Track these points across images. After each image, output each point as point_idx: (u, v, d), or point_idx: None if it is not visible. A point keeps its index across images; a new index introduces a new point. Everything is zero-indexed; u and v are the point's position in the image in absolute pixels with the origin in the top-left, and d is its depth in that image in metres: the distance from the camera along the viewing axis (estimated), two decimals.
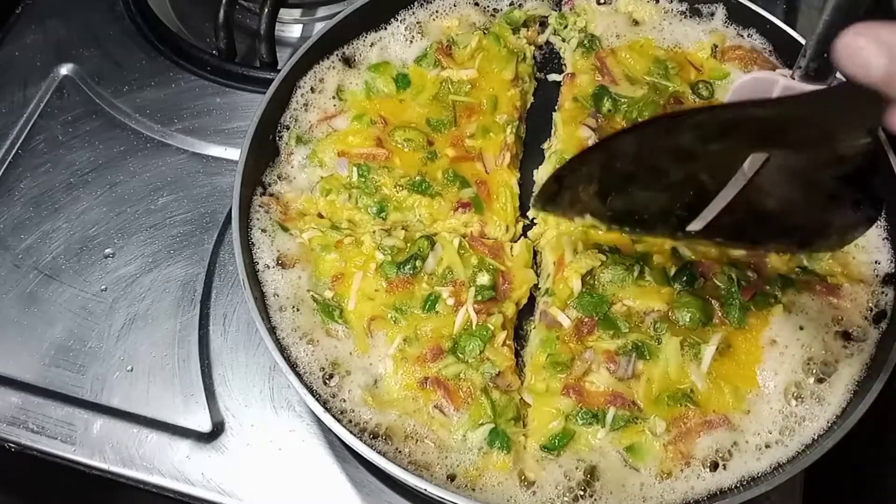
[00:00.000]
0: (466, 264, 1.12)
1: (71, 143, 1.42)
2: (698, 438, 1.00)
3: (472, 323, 1.07)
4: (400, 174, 1.19)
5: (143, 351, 1.23)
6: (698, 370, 1.03)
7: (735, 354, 1.05)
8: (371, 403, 1.02)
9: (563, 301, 1.09)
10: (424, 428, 1.02)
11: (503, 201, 1.18)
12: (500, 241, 1.17)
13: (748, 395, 1.03)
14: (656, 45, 1.29)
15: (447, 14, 1.32)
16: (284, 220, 1.16)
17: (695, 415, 1.01)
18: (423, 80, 1.26)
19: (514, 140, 1.22)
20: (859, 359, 1.05)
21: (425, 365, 1.05)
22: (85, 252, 1.32)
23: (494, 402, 1.03)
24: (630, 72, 1.27)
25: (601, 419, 1.01)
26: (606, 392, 1.03)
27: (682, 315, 1.06)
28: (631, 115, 1.22)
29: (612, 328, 1.06)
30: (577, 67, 1.28)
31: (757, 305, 1.07)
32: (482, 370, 1.05)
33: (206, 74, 1.48)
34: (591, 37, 1.30)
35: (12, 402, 1.20)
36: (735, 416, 1.02)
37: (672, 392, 1.03)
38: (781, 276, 1.09)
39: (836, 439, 0.96)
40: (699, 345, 1.04)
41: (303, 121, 1.24)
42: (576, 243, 1.13)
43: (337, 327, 1.08)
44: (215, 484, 1.13)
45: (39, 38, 1.55)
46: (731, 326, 1.06)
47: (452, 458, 1.00)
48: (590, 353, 1.05)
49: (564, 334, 1.07)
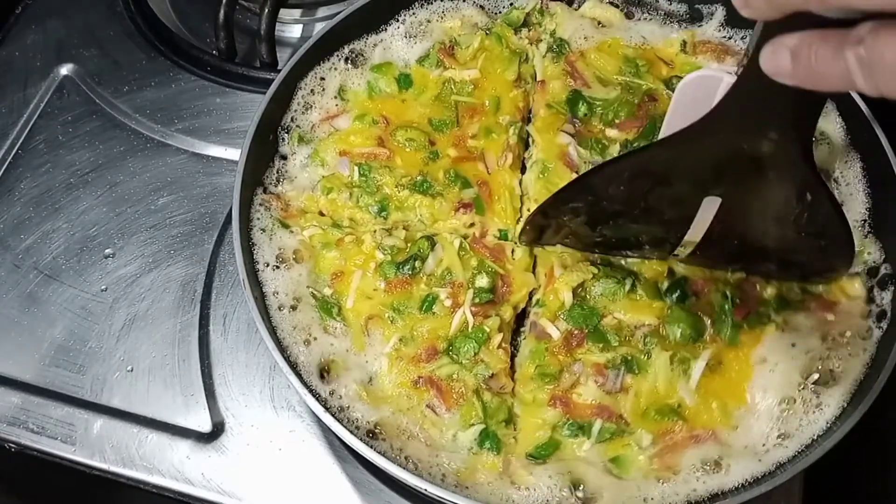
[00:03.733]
0: (466, 266, 1.12)
1: (71, 143, 1.42)
2: (685, 452, 1.00)
3: (468, 325, 1.07)
4: (401, 174, 1.19)
5: (143, 351, 1.23)
6: (687, 385, 1.02)
7: (725, 371, 1.04)
8: (366, 399, 1.02)
9: (553, 312, 1.09)
10: (416, 426, 1.02)
11: (504, 202, 1.18)
12: (502, 244, 1.16)
13: (737, 412, 1.02)
14: (624, 45, 1.29)
15: (449, 15, 1.32)
16: (285, 216, 1.16)
17: (682, 429, 1.01)
18: (426, 81, 1.26)
19: (516, 141, 1.22)
20: (860, 360, 1.05)
21: (419, 365, 1.05)
22: (85, 252, 1.32)
23: (486, 403, 1.03)
24: (601, 73, 1.26)
25: (587, 431, 1.01)
26: (593, 405, 1.03)
27: (672, 330, 1.05)
28: (607, 118, 1.22)
29: (601, 341, 1.06)
30: (547, 74, 1.27)
31: (750, 324, 1.06)
32: (475, 372, 1.05)
33: (206, 74, 1.48)
34: (560, 41, 1.29)
35: (12, 402, 1.20)
36: (723, 431, 1.01)
37: (660, 406, 1.02)
38: (779, 296, 1.08)
39: (836, 439, 0.96)
40: (689, 360, 1.04)
41: (304, 120, 1.24)
42: (564, 257, 1.13)
43: (335, 324, 1.08)
44: (215, 484, 1.13)
45: (39, 38, 1.54)
46: (722, 343, 1.05)
47: (443, 457, 1.00)
48: (578, 365, 1.05)
49: (553, 346, 1.07)
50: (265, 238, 1.13)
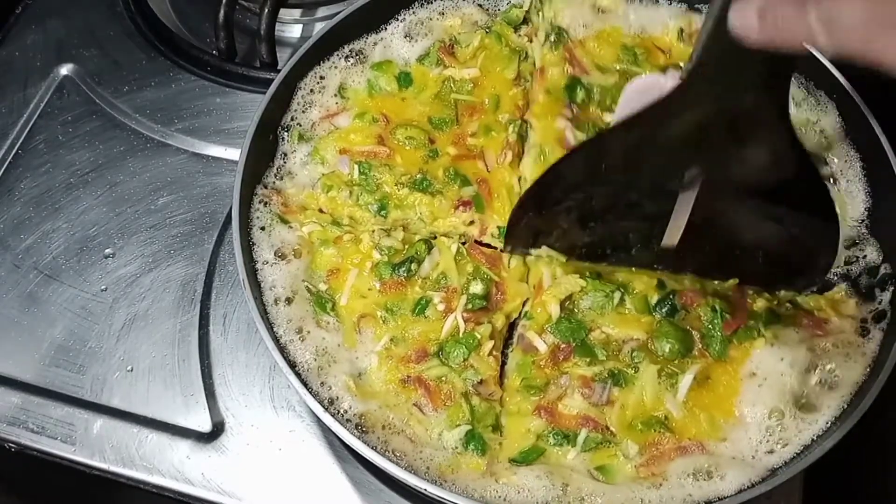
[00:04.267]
0: (461, 271, 1.12)
1: (71, 143, 1.42)
2: (672, 462, 0.99)
3: (459, 330, 1.07)
4: (401, 172, 1.19)
5: (143, 351, 1.23)
6: (674, 399, 1.02)
7: (713, 386, 1.03)
8: (354, 392, 1.02)
9: (540, 325, 1.08)
10: (402, 422, 1.02)
11: (504, 200, 1.18)
12: (499, 252, 1.16)
13: (725, 424, 1.01)
14: (623, 33, 1.29)
15: (449, 13, 1.32)
16: (285, 212, 1.16)
17: (669, 440, 1.00)
18: (426, 79, 1.26)
19: (515, 139, 1.22)
20: (859, 361, 1.04)
21: (409, 365, 1.05)
22: (85, 252, 1.32)
23: (474, 407, 1.03)
24: (599, 61, 1.26)
25: (572, 440, 1.01)
26: (579, 415, 1.02)
27: (661, 345, 1.05)
28: (605, 103, 1.22)
29: (588, 355, 1.05)
30: (546, 61, 1.28)
31: (739, 339, 1.06)
32: (464, 376, 1.04)
33: (206, 74, 1.48)
34: (559, 29, 1.29)
35: (12, 402, 1.19)
36: (711, 443, 1.00)
37: (646, 419, 1.01)
38: (769, 310, 1.07)
39: (836, 439, 0.96)
40: (677, 375, 1.03)
41: (304, 119, 1.24)
42: (553, 268, 1.12)
43: (328, 319, 1.08)
44: (215, 484, 1.13)
45: (39, 38, 1.54)
46: (710, 358, 1.05)
47: (427, 453, 1.00)
48: (565, 378, 1.04)
49: (540, 359, 1.06)
50: (264, 235, 1.13)
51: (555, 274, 1.11)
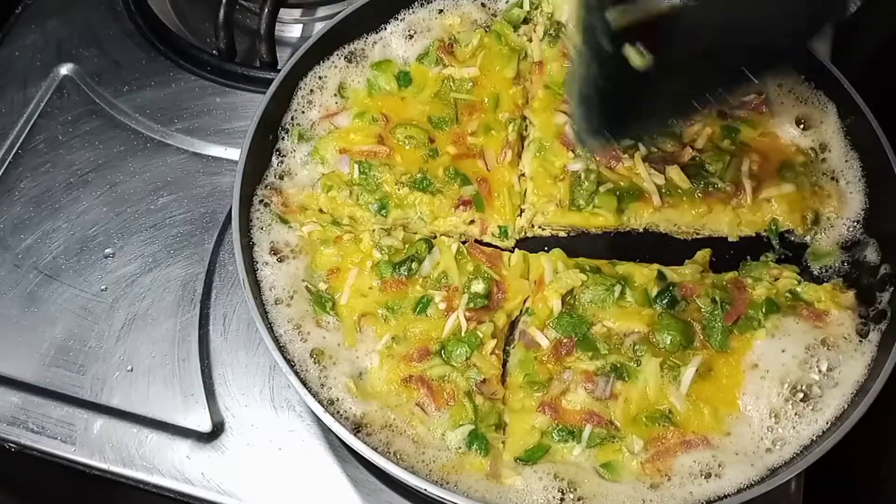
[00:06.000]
0: (462, 271, 1.12)
1: (71, 143, 1.42)
2: (677, 457, 0.99)
3: (461, 329, 1.07)
4: (401, 171, 1.19)
5: (143, 351, 1.23)
6: (677, 392, 1.02)
7: (716, 378, 1.04)
8: (355, 393, 1.02)
9: (542, 321, 1.08)
10: (404, 423, 1.02)
11: (504, 199, 1.18)
12: (499, 251, 1.16)
13: (728, 418, 1.02)
14: None
15: (448, 12, 1.32)
16: (285, 212, 1.16)
17: (673, 435, 1.00)
18: (425, 78, 1.27)
19: (515, 138, 1.22)
20: (859, 361, 1.04)
21: (411, 364, 1.05)
22: (85, 252, 1.32)
23: (477, 406, 1.03)
24: None
25: (577, 436, 1.01)
26: (583, 411, 1.03)
27: (662, 337, 1.06)
28: None
29: (591, 349, 1.06)
30: (545, 56, 1.28)
31: (740, 329, 1.06)
32: (467, 375, 1.04)
33: (206, 74, 1.48)
34: (558, 24, 1.30)
35: (12, 402, 1.19)
36: (715, 436, 1.01)
37: (650, 413, 1.02)
38: (767, 300, 1.08)
39: (836, 439, 0.96)
40: (679, 367, 1.03)
41: (304, 118, 1.24)
42: (556, 263, 1.12)
43: (328, 318, 1.08)
44: (215, 484, 1.13)
45: (39, 38, 1.54)
46: (712, 350, 1.05)
47: (429, 454, 1.00)
48: (568, 373, 1.05)
49: (542, 354, 1.07)
50: (264, 235, 1.13)
51: (556, 268, 1.12)
